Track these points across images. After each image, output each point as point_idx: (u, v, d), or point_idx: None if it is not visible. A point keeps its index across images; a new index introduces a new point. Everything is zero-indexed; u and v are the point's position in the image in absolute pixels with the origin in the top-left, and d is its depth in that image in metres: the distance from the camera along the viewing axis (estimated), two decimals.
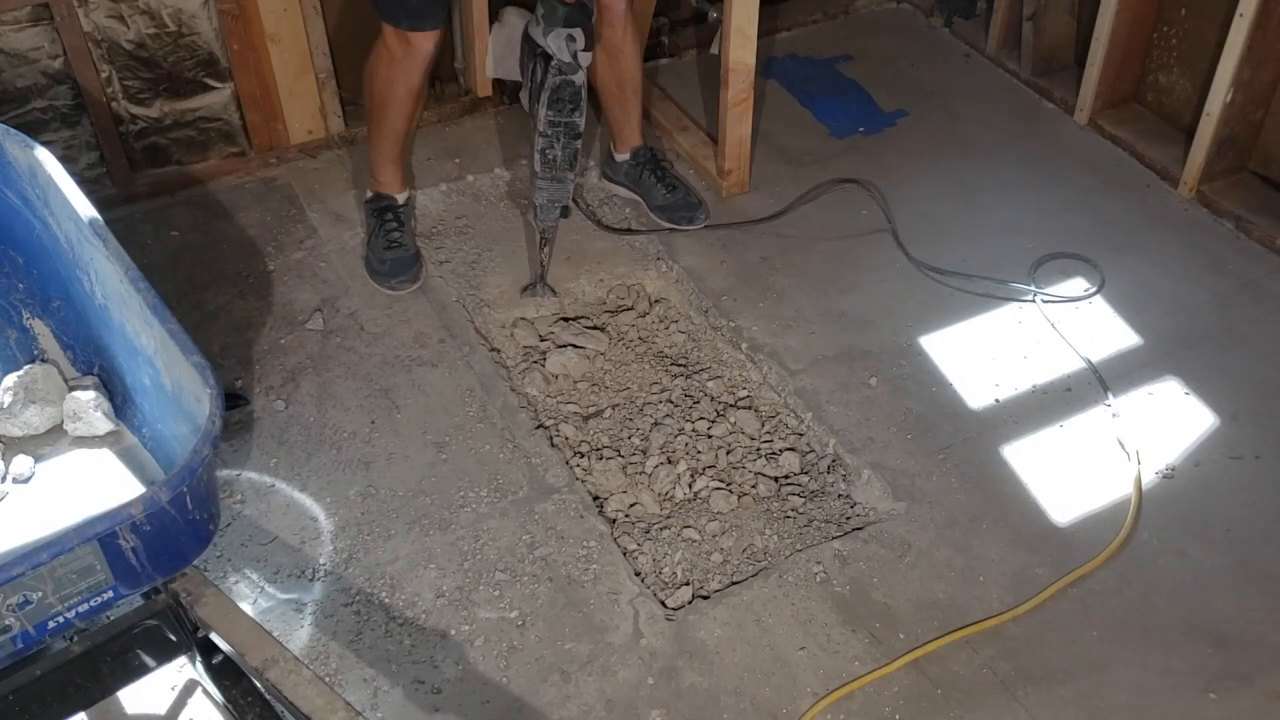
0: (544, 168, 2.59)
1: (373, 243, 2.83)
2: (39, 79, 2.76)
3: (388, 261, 2.78)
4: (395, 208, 2.84)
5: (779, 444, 2.51)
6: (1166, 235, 2.96)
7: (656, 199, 2.98)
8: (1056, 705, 2.03)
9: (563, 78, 2.46)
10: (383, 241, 2.80)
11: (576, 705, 2.02)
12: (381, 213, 2.83)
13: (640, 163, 3.00)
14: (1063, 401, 2.55)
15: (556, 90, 2.47)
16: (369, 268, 2.82)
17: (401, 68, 2.59)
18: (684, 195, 2.98)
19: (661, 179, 2.98)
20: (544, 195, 2.64)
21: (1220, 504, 2.34)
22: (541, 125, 2.53)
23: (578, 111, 2.52)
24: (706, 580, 2.25)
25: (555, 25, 2.40)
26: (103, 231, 1.68)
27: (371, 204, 2.86)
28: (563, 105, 2.49)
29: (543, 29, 2.42)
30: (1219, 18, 2.97)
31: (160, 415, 1.77)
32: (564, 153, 2.57)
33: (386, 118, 2.69)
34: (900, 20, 3.79)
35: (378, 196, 2.85)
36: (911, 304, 2.77)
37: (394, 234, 2.81)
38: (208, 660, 1.72)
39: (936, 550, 2.26)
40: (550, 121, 2.52)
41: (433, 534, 2.28)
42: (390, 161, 2.80)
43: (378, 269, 2.79)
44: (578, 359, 2.67)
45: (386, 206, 2.84)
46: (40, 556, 1.35)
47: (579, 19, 2.41)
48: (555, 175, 2.61)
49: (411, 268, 2.79)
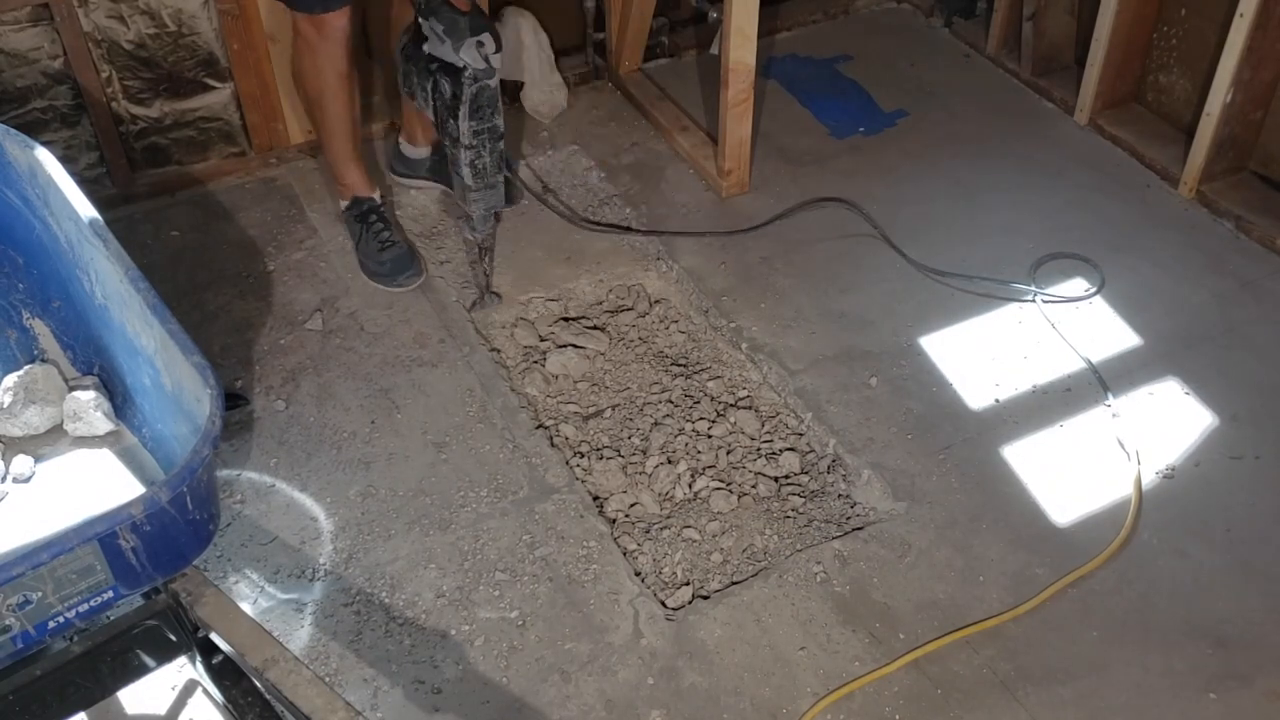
0: (476, 178, 2.57)
1: (364, 247, 2.81)
2: (39, 79, 2.76)
3: (386, 262, 2.77)
4: (376, 208, 2.83)
5: (779, 444, 2.51)
6: (1166, 235, 2.96)
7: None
8: (1056, 705, 2.03)
9: (479, 84, 2.44)
10: (375, 244, 2.78)
11: (576, 705, 2.03)
12: (364, 216, 2.82)
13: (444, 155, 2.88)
14: (1063, 401, 2.55)
15: (476, 98, 2.46)
16: (367, 272, 2.80)
17: (323, 53, 2.58)
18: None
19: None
20: (480, 206, 2.62)
21: (1220, 504, 2.34)
22: (466, 138, 2.50)
23: (497, 114, 2.51)
24: (706, 580, 2.25)
25: (463, 37, 2.39)
26: (103, 231, 1.68)
27: (351, 210, 2.84)
28: (483, 111, 2.48)
29: (450, 45, 2.40)
30: (1219, 18, 2.97)
31: (160, 415, 1.77)
32: (492, 158, 2.56)
33: (327, 111, 2.69)
34: (900, 20, 3.79)
35: (355, 201, 2.83)
36: (911, 304, 2.77)
37: (384, 233, 2.79)
38: (208, 660, 1.72)
39: (936, 550, 2.26)
40: (475, 131, 2.49)
41: (433, 534, 2.28)
42: (350, 161, 2.79)
43: (378, 271, 2.78)
44: (578, 359, 2.67)
45: (368, 209, 2.82)
46: (40, 556, 1.35)
47: (481, 25, 2.41)
48: (488, 183, 2.59)
49: (413, 262, 2.79)
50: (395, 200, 3.04)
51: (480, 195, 2.60)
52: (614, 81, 3.47)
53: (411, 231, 2.96)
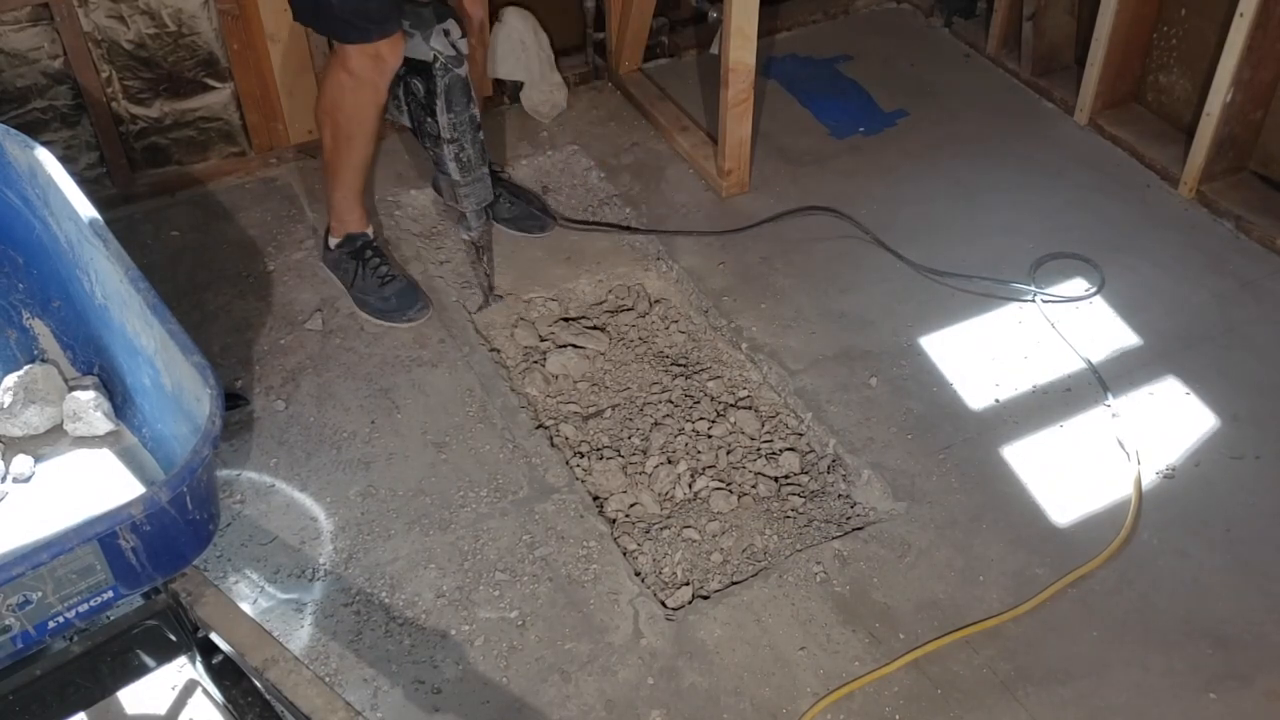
0: (463, 172, 2.56)
1: (362, 285, 2.69)
2: (39, 79, 2.76)
3: (390, 297, 2.68)
4: (370, 243, 2.73)
5: (779, 444, 2.51)
6: (1166, 235, 2.96)
7: (502, 212, 2.90)
8: (1056, 705, 2.03)
9: (451, 74, 2.44)
10: (374, 280, 2.68)
11: (576, 705, 2.02)
12: (359, 252, 2.71)
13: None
14: (1063, 401, 2.55)
15: (449, 89, 2.45)
16: (370, 310, 2.69)
17: (371, 87, 2.44)
18: (525, 205, 2.94)
19: (507, 189, 2.94)
20: (471, 201, 2.61)
21: (1220, 504, 2.34)
22: (446, 131, 2.49)
23: (473, 103, 2.51)
24: (706, 580, 2.25)
25: (430, 25, 2.39)
26: (103, 231, 1.68)
27: (343, 248, 2.72)
28: (458, 100, 2.48)
29: (420, 36, 2.40)
30: (1219, 18, 2.97)
31: (160, 415, 1.77)
32: (474, 148, 2.55)
33: (355, 150, 2.56)
34: (900, 20, 3.79)
35: (348, 239, 2.72)
36: (911, 304, 2.77)
37: (382, 268, 2.69)
38: (208, 660, 1.72)
39: (936, 550, 2.26)
40: (454, 124, 2.49)
41: (433, 534, 2.28)
42: (357, 198, 2.68)
43: (382, 308, 2.68)
44: (578, 359, 2.67)
45: (362, 245, 2.71)
46: (40, 556, 1.35)
47: (445, 12, 2.42)
48: (475, 175, 2.58)
49: (418, 294, 2.71)
50: (396, 200, 3.04)
51: (469, 189, 2.59)
52: (614, 81, 3.47)
53: (411, 231, 2.96)
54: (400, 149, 3.18)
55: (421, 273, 2.83)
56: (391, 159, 3.15)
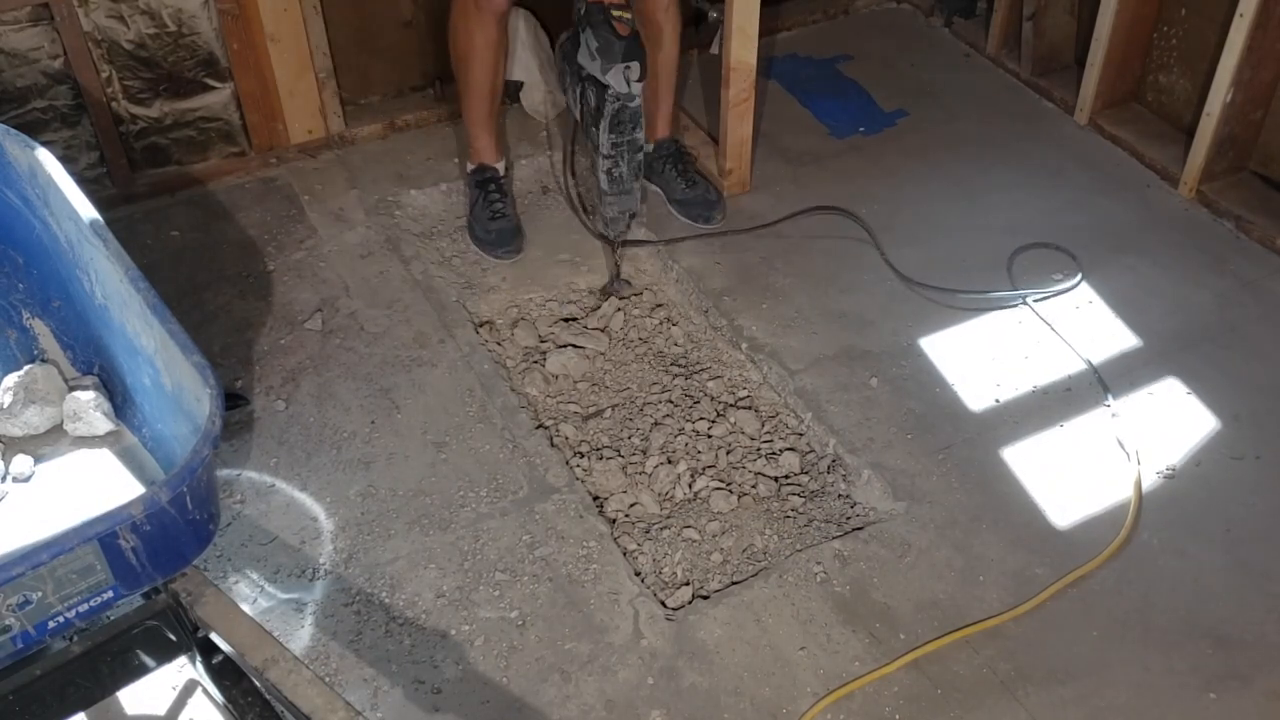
0: (611, 184, 2.67)
1: (477, 213, 2.92)
2: (39, 79, 2.76)
3: (493, 232, 2.89)
4: (497, 179, 2.95)
5: (779, 444, 2.51)
6: (1167, 235, 2.96)
7: (676, 193, 2.99)
8: (1056, 705, 2.02)
9: (621, 104, 2.52)
10: (487, 213, 2.90)
11: (576, 705, 2.02)
12: (484, 184, 2.93)
13: (663, 155, 3.02)
14: (1063, 402, 2.55)
15: (617, 115, 2.54)
16: (473, 234, 2.92)
17: (476, 20, 2.69)
18: (703, 191, 2.99)
19: (683, 173, 3.00)
20: (614, 209, 2.73)
21: (1220, 504, 2.34)
22: (605, 148, 2.60)
23: (638, 129, 2.60)
24: (706, 580, 2.25)
25: (614, 61, 2.45)
26: (103, 231, 1.68)
27: (475, 175, 2.96)
28: (624, 127, 2.57)
29: (601, 65, 2.47)
30: (1219, 18, 2.97)
31: (160, 415, 1.77)
32: (629, 168, 2.65)
33: (470, 73, 2.79)
34: (900, 20, 3.79)
35: (480, 168, 2.95)
36: (911, 304, 2.77)
37: (497, 204, 2.91)
38: (208, 660, 1.72)
39: (936, 550, 2.26)
40: (614, 143, 2.59)
41: (433, 534, 2.28)
42: (484, 127, 2.90)
43: (483, 238, 2.90)
44: (578, 359, 2.67)
45: (489, 178, 2.94)
46: (40, 556, 1.35)
47: (636, 53, 2.46)
48: (623, 189, 2.68)
49: (515, 238, 2.90)
50: (396, 200, 3.04)
51: (614, 199, 2.70)
52: None
53: (411, 232, 2.96)
54: (400, 149, 3.18)
55: (421, 273, 2.83)
56: (392, 159, 3.15)
